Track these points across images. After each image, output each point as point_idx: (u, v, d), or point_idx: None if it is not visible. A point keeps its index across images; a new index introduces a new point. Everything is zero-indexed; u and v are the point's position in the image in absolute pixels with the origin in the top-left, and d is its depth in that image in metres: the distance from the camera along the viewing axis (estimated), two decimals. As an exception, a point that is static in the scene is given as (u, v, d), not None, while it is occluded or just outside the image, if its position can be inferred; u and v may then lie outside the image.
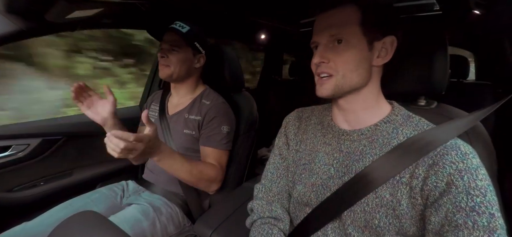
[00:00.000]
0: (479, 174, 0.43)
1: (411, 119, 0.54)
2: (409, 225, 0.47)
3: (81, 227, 0.61)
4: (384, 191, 0.49)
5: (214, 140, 0.97)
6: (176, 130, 1.02)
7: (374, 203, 0.49)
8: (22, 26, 0.83)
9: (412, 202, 0.47)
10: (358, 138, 0.55)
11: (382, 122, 0.54)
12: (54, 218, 0.84)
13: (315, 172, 0.59)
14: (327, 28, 0.54)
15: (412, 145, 0.49)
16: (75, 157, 1.25)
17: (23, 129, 1.11)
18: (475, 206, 0.41)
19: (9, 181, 1.08)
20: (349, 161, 0.55)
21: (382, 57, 0.53)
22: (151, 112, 1.15)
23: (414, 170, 0.47)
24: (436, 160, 0.45)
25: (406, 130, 0.52)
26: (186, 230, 0.99)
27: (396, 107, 0.56)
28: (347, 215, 0.52)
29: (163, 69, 0.99)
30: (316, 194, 0.57)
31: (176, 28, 0.98)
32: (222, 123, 0.98)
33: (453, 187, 0.43)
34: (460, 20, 1.33)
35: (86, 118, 0.92)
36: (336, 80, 0.53)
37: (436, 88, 0.61)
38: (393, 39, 0.53)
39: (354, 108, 0.56)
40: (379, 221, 0.49)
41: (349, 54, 0.52)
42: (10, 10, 0.79)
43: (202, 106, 1.01)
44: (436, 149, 0.47)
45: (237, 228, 0.80)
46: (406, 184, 0.47)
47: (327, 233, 0.56)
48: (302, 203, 0.60)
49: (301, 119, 0.69)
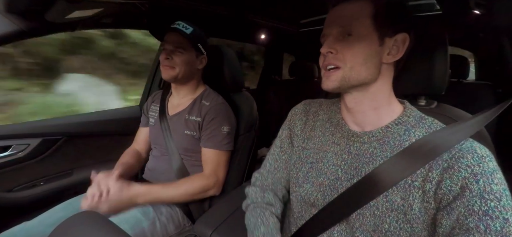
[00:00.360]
0: (495, 178, 0.42)
1: (423, 120, 0.52)
2: (421, 230, 0.46)
3: (81, 227, 0.61)
4: (395, 195, 0.48)
5: (214, 141, 0.97)
6: (177, 131, 1.02)
7: (384, 207, 0.48)
8: (22, 26, 0.83)
9: (425, 207, 0.45)
10: (369, 140, 0.54)
11: (393, 124, 0.52)
12: (54, 218, 0.84)
13: (323, 172, 0.58)
14: (338, 19, 0.53)
15: (422, 147, 0.47)
16: (75, 157, 1.25)
17: (23, 129, 1.11)
18: (488, 210, 0.39)
19: (9, 181, 1.08)
20: (359, 164, 0.53)
21: (393, 55, 0.52)
22: (151, 112, 1.15)
23: (428, 173, 0.46)
24: (451, 163, 0.44)
25: (419, 132, 0.50)
26: (186, 230, 0.99)
27: (408, 108, 0.54)
28: (356, 219, 0.51)
29: (167, 71, 0.98)
30: (323, 195, 0.56)
31: (180, 29, 0.97)
32: (222, 123, 0.98)
33: (467, 191, 0.41)
34: (460, 20, 1.33)
35: (86, 118, 0.92)
36: (343, 72, 0.51)
37: (436, 88, 0.61)
38: (406, 37, 0.51)
39: (362, 109, 0.55)
40: (389, 225, 0.47)
41: (358, 47, 0.50)
42: (10, 10, 0.79)
43: (202, 107, 1.01)
44: (451, 152, 0.45)
45: (237, 228, 0.80)
46: (419, 188, 0.46)
47: (333, 236, 0.54)
48: (309, 203, 0.59)
49: (309, 113, 0.67)
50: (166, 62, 0.98)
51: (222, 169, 1.00)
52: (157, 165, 1.06)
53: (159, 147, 1.07)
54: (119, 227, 0.63)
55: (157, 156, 1.07)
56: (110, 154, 1.34)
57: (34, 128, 1.13)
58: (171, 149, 1.01)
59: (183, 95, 1.07)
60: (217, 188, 1.00)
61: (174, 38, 0.98)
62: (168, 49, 0.98)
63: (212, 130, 0.98)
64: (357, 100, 0.55)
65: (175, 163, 1.00)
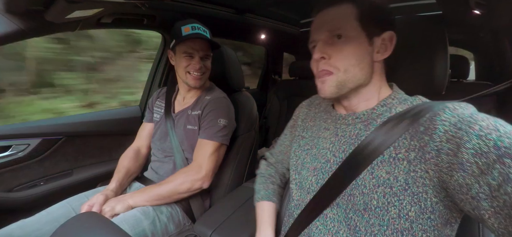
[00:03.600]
0: (477, 118, 0.39)
1: (407, 100, 0.54)
2: (409, 204, 0.45)
3: (82, 227, 0.61)
4: (380, 170, 0.48)
5: (209, 132, 0.97)
6: (180, 127, 1.03)
7: (371, 183, 0.48)
8: (22, 26, 0.83)
9: (412, 177, 0.45)
10: (353, 122, 0.56)
11: (378, 106, 0.54)
12: (52, 216, 0.85)
13: (316, 157, 0.60)
14: (325, 24, 0.54)
15: (405, 115, 0.48)
16: (75, 157, 1.25)
17: (23, 129, 1.11)
18: (497, 141, 0.35)
19: (9, 181, 1.08)
20: (346, 146, 0.55)
21: (382, 53, 0.54)
22: (156, 108, 1.15)
23: (410, 142, 0.46)
24: (427, 125, 0.44)
25: (400, 108, 0.52)
26: (186, 230, 0.99)
27: (395, 91, 0.56)
28: (348, 200, 0.52)
29: (199, 79, 0.99)
30: (317, 179, 0.58)
31: (204, 34, 0.96)
32: (219, 115, 0.98)
33: (458, 140, 0.39)
34: (460, 20, 1.33)
35: (86, 118, 0.93)
36: (337, 77, 0.53)
37: (436, 88, 0.61)
38: (392, 34, 0.53)
39: (356, 103, 0.57)
40: (377, 201, 0.47)
41: (349, 49, 0.52)
42: (10, 10, 0.79)
43: (203, 101, 1.02)
44: (425, 116, 0.45)
45: (237, 228, 0.80)
46: (403, 159, 0.46)
47: (327, 221, 0.55)
48: (305, 189, 0.61)
49: (311, 105, 0.71)
50: (199, 72, 0.97)
51: (210, 161, 0.95)
52: (161, 166, 1.06)
53: (163, 145, 1.07)
54: (119, 227, 0.63)
55: (161, 157, 1.07)
56: (110, 154, 1.35)
57: (34, 128, 1.13)
58: (176, 148, 1.01)
59: (192, 94, 1.08)
60: (202, 180, 0.93)
61: (202, 44, 0.97)
62: (198, 56, 0.97)
63: (209, 121, 0.98)
64: (353, 100, 0.57)
65: (179, 161, 1.00)
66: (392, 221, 0.47)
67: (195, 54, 0.97)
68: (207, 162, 0.95)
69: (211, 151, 0.96)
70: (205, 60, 0.99)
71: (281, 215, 0.74)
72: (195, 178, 0.93)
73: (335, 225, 0.54)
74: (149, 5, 1.11)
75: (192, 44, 0.96)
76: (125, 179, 1.03)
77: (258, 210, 0.74)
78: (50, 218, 0.83)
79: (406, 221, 0.46)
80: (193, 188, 0.93)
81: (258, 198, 0.75)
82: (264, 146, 2.24)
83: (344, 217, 0.53)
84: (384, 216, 0.47)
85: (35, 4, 0.79)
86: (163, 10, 1.21)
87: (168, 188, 0.91)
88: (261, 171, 0.82)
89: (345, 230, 0.52)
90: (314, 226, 0.57)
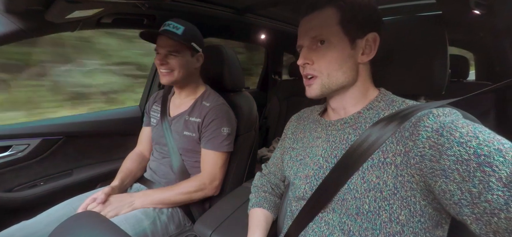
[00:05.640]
0: (458, 125, 0.40)
1: (394, 103, 0.54)
2: (399, 208, 0.46)
3: (82, 227, 0.61)
4: (371, 174, 0.49)
5: (214, 143, 0.97)
6: (177, 131, 1.02)
7: (362, 188, 0.49)
8: (22, 26, 0.83)
9: (400, 181, 0.46)
10: (342, 127, 0.57)
11: (365, 109, 0.56)
12: (53, 217, 0.85)
13: (309, 165, 0.61)
14: (308, 30, 0.56)
15: (395, 116, 0.49)
16: (75, 157, 1.25)
17: (23, 129, 1.11)
18: (477, 148, 0.36)
19: (9, 181, 1.08)
20: (337, 151, 0.56)
21: (367, 54, 0.55)
22: (152, 112, 1.15)
23: (396, 147, 0.47)
24: (411, 130, 0.45)
25: (387, 113, 0.53)
26: (186, 230, 0.99)
27: (381, 94, 0.57)
28: (342, 205, 0.52)
29: (165, 76, 0.96)
30: (310, 186, 0.59)
31: (170, 30, 0.93)
32: (222, 124, 0.98)
33: (440, 147, 0.39)
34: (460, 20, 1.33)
35: (86, 118, 0.93)
36: (321, 80, 0.55)
37: (436, 88, 0.61)
38: (375, 36, 0.54)
39: (343, 105, 0.59)
40: (369, 205, 0.49)
41: (331, 54, 0.54)
42: (10, 10, 0.79)
43: (202, 108, 1.01)
44: (411, 121, 0.46)
45: (237, 228, 0.80)
46: (391, 164, 0.47)
47: (321, 226, 0.56)
48: (299, 197, 0.62)
49: (300, 119, 0.73)
50: (162, 68, 0.95)
51: (221, 170, 1.00)
52: (159, 168, 1.06)
53: (160, 147, 1.07)
54: (119, 227, 0.63)
55: (159, 158, 1.07)
56: (110, 154, 1.35)
57: (34, 128, 1.13)
58: (172, 149, 1.01)
59: (184, 95, 1.07)
60: (215, 189, 1.00)
61: (166, 41, 0.94)
62: (162, 53, 0.95)
63: (212, 131, 0.97)
64: (339, 100, 0.59)
65: (175, 163, 1.00)
66: (384, 225, 0.48)
67: (160, 51, 0.95)
68: (219, 173, 1.00)
69: (221, 162, 1.00)
70: (170, 57, 0.95)
71: (279, 224, 0.74)
72: (210, 188, 0.98)
73: (330, 229, 0.54)
74: (149, 5, 1.11)
75: (159, 41, 0.96)
76: (128, 179, 1.04)
77: (249, 218, 0.76)
78: (51, 220, 0.83)
79: (397, 225, 0.47)
80: (206, 196, 0.99)
81: (250, 207, 0.78)
82: (264, 146, 2.24)
83: (338, 221, 0.54)
84: (376, 220, 0.48)
85: (35, 4, 0.79)
86: (163, 10, 1.20)
87: (183, 198, 0.94)
88: (255, 182, 0.84)
89: (339, 235, 0.53)
90: (311, 229, 0.57)
